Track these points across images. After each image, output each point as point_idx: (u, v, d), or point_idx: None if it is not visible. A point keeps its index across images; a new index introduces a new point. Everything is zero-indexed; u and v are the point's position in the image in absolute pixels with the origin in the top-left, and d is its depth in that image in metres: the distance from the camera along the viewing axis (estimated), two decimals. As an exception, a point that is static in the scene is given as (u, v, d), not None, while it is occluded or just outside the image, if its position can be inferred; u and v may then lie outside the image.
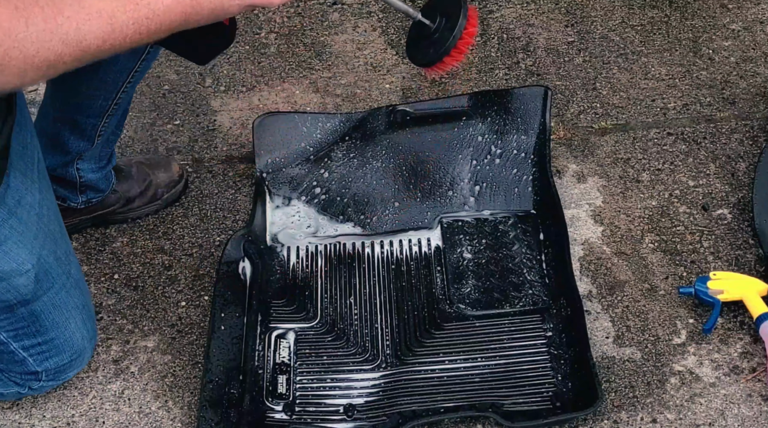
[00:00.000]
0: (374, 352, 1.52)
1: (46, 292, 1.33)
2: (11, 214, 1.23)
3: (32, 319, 1.34)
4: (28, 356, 1.38)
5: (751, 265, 1.62)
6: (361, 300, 1.60)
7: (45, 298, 1.33)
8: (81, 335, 1.42)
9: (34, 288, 1.29)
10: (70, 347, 1.41)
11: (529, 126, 1.73)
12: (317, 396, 1.47)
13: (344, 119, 1.75)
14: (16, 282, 1.27)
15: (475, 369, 1.49)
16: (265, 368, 1.50)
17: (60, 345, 1.40)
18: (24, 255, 1.26)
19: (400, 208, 1.72)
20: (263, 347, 1.53)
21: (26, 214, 1.26)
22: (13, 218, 1.24)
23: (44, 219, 1.30)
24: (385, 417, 1.42)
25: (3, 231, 1.23)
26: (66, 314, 1.38)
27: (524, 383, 1.46)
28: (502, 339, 1.53)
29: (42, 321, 1.35)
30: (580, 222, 1.71)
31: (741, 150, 1.82)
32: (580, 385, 1.44)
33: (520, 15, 2.16)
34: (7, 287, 1.27)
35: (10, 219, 1.23)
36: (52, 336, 1.37)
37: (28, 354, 1.38)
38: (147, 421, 1.47)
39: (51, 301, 1.34)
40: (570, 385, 1.45)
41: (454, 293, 1.60)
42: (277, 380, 1.49)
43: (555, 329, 1.53)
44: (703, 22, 2.12)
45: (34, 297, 1.31)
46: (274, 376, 1.49)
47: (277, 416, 1.44)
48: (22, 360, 1.38)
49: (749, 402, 1.43)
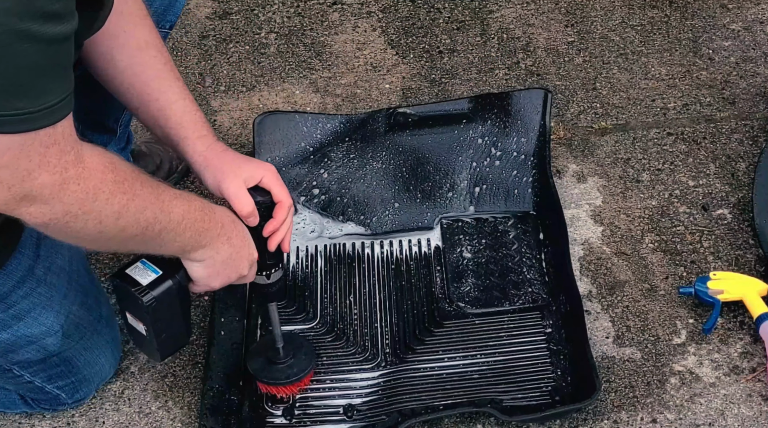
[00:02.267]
0: (374, 351, 1.52)
1: (77, 341, 1.35)
2: (40, 282, 1.25)
3: (65, 364, 1.37)
4: (62, 392, 1.42)
5: (751, 265, 1.62)
6: (360, 300, 1.60)
7: (76, 346, 1.36)
8: (109, 364, 1.47)
9: (63, 342, 1.32)
10: (100, 377, 1.46)
11: (529, 128, 1.73)
12: (317, 398, 1.47)
13: (345, 120, 1.75)
14: (45, 342, 1.30)
15: (475, 366, 1.49)
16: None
17: (91, 378, 1.44)
18: (52, 319, 1.28)
19: (400, 209, 1.72)
20: None
21: (56, 279, 1.28)
22: (42, 286, 1.26)
23: (74, 275, 1.32)
24: (385, 416, 1.42)
25: (32, 299, 1.25)
26: (97, 352, 1.41)
27: (523, 379, 1.46)
28: (502, 336, 1.53)
29: (74, 363, 1.38)
30: (580, 222, 1.71)
31: (741, 150, 1.82)
32: (579, 379, 1.44)
33: (520, 15, 2.17)
34: (37, 348, 1.30)
35: (38, 287, 1.25)
36: (84, 374, 1.41)
37: (62, 391, 1.41)
38: (147, 421, 1.47)
39: (83, 346, 1.37)
40: (569, 380, 1.45)
41: (453, 291, 1.60)
42: None
43: (554, 325, 1.53)
44: (703, 22, 2.12)
45: (63, 349, 1.34)
46: None
47: (277, 421, 1.44)
48: (56, 396, 1.42)
49: (749, 402, 1.43)
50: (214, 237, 1.20)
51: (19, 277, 1.22)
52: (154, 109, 1.27)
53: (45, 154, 0.94)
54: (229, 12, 2.21)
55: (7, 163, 0.93)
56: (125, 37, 1.25)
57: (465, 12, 2.18)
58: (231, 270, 1.25)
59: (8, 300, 1.22)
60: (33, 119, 0.92)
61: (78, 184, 0.99)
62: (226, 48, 2.12)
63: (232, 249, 1.23)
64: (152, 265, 1.24)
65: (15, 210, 0.97)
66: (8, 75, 0.89)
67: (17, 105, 0.90)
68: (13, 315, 1.24)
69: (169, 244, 1.16)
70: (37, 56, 0.90)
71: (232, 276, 1.26)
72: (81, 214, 1.01)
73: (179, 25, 2.21)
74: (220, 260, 1.22)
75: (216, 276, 1.25)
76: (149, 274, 1.23)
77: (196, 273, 1.23)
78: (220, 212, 1.22)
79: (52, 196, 0.97)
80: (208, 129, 1.30)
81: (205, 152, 1.27)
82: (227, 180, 1.24)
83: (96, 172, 1.01)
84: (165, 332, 1.28)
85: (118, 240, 1.10)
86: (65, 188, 0.98)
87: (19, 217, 0.99)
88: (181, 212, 1.14)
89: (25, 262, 1.22)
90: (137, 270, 1.24)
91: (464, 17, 2.17)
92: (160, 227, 1.11)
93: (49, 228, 1.02)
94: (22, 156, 0.93)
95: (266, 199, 1.27)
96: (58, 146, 0.96)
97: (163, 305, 1.23)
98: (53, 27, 0.89)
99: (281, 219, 1.28)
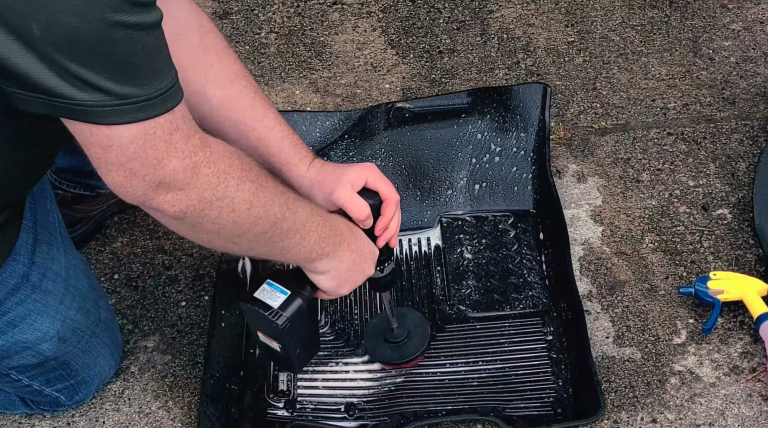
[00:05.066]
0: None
1: (75, 345, 1.36)
2: (35, 289, 1.26)
3: (63, 368, 1.37)
4: (61, 395, 1.42)
5: (751, 265, 1.62)
6: (361, 300, 1.60)
7: (74, 350, 1.36)
8: (109, 366, 1.47)
9: (59, 347, 1.32)
10: (100, 379, 1.47)
11: (528, 123, 1.73)
12: (318, 395, 1.47)
13: (343, 117, 1.75)
14: (40, 348, 1.30)
15: (476, 372, 1.49)
16: (266, 365, 1.50)
17: (90, 380, 1.44)
18: (48, 324, 1.29)
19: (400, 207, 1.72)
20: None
21: (52, 284, 1.28)
22: (37, 292, 1.26)
23: (71, 281, 1.32)
24: (386, 417, 1.42)
25: (27, 305, 1.25)
26: (95, 354, 1.42)
27: (525, 388, 1.46)
28: (503, 342, 1.53)
29: (72, 366, 1.39)
30: (580, 222, 1.71)
31: (741, 150, 1.82)
32: (582, 392, 1.43)
33: (520, 15, 2.16)
34: (33, 353, 1.30)
35: (33, 294, 1.26)
36: (83, 376, 1.42)
37: (61, 393, 1.42)
38: (147, 421, 1.47)
39: (81, 350, 1.38)
40: (571, 391, 1.45)
41: (454, 294, 1.59)
42: (278, 377, 1.49)
43: (555, 333, 1.52)
44: (703, 22, 2.12)
45: (60, 354, 1.34)
46: (275, 373, 1.49)
47: (279, 413, 1.44)
48: (55, 399, 1.43)
49: (749, 402, 1.43)
50: (335, 244, 1.21)
51: (13, 284, 1.22)
52: (253, 139, 1.28)
53: (170, 140, 0.96)
54: (229, 12, 2.21)
55: (135, 154, 0.94)
56: (214, 72, 1.26)
57: (465, 12, 2.18)
58: (357, 275, 1.27)
59: (2, 308, 1.22)
60: (152, 106, 0.93)
61: (209, 168, 1.00)
62: (226, 48, 2.11)
63: (354, 254, 1.24)
64: (278, 285, 1.26)
65: (154, 200, 0.99)
66: (122, 63, 0.90)
67: (134, 93, 0.91)
68: (7, 322, 1.24)
69: (296, 249, 1.16)
70: (142, 43, 0.91)
71: (359, 279, 1.28)
72: (215, 199, 1.02)
73: (179, 25, 2.21)
74: (344, 268, 1.24)
75: (344, 284, 1.26)
76: (278, 295, 1.25)
77: (324, 285, 1.25)
78: (337, 219, 1.24)
79: (186, 181, 0.99)
80: (306, 149, 1.31)
81: (309, 172, 1.29)
82: (338, 189, 1.25)
83: (223, 156, 1.03)
84: (299, 346, 1.31)
85: (250, 237, 1.10)
86: (197, 172, 0.99)
87: (159, 209, 1.00)
88: (305, 213, 1.16)
89: (20, 269, 1.22)
90: (265, 293, 1.25)
91: (464, 17, 2.17)
92: (288, 225, 1.12)
93: (186, 219, 1.03)
94: (147, 145, 0.94)
95: (376, 201, 1.29)
96: (181, 131, 0.97)
97: (296, 324, 1.25)
98: (147, 15, 0.90)
99: (390, 215, 1.30)
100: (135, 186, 0.97)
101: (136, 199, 0.99)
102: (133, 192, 0.98)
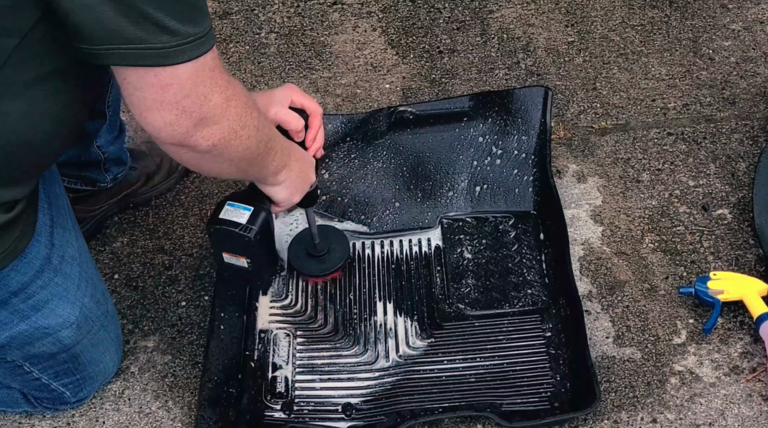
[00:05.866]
0: (373, 353, 1.52)
1: (86, 336, 1.37)
2: (56, 272, 1.27)
3: (72, 361, 1.38)
4: (66, 390, 1.43)
5: (751, 265, 1.62)
6: (360, 300, 1.60)
7: (84, 341, 1.37)
8: (113, 363, 1.48)
9: (76, 335, 1.34)
10: (103, 376, 1.48)
11: (529, 126, 1.73)
12: (316, 396, 1.47)
13: (345, 120, 1.75)
14: (60, 335, 1.31)
15: (474, 369, 1.49)
16: (264, 367, 1.51)
17: (95, 376, 1.45)
18: (69, 309, 1.30)
19: (401, 209, 1.72)
20: (263, 346, 1.53)
21: (69, 268, 1.30)
22: (59, 276, 1.28)
23: (84, 267, 1.35)
24: (383, 416, 1.42)
25: (50, 289, 1.27)
26: (102, 349, 1.43)
27: (522, 383, 1.46)
28: (501, 339, 1.53)
29: (81, 360, 1.39)
30: (580, 222, 1.71)
31: (741, 150, 1.82)
32: (579, 386, 1.44)
33: (520, 15, 2.16)
34: (53, 341, 1.31)
35: (55, 277, 1.27)
36: (89, 371, 1.42)
37: (66, 389, 1.42)
38: (147, 421, 1.47)
39: (90, 342, 1.39)
40: (568, 386, 1.45)
41: (453, 293, 1.60)
42: (275, 379, 1.49)
43: (554, 329, 1.53)
44: (703, 22, 2.12)
45: (75, 343, 1.35)
46: (273, 376, 1.50)
47: (276, 415, 1.44)
48: (60, 395, 1.43)
49: (749, 402, 1.43)
50: (288, 156, 1.32)
51: (38, 266, 1.23)
52: None
53: (213, 76, 1.04)
54: (229, 12, 2.21)
55: (189, 90, 1.02)
56: None
57: (465, 12, 2.18)
58: (304, 182, 1.39)
59: (28, 290, 1.23)
60: (203, 43, 1.00)
61: (236, 100, 1.09)
62: (226, 48, 2.12)
63: (299, 163, 1.36)
64: (239, 204, 1.39)
65: (192, 136, 1.07)
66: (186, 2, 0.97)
67: (192, 32, 0.99)
68: (32, 306, 1.25)
69: (271, 164, 1.28)
70: None
71: (306, 186, 1.40)
72: (239, 129, 1.12)
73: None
74: (295, 177, 1.35)
75: (295, 192, 1.38)
76: (242, 213, 1.38)
77: (281, 195, 1.36)
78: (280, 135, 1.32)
79: (221, 115, 1.07)
80: None
81: None
82: (272, 107, 1.35)
83: (241, 89, 1.12)
84: (266, 257, 1.46)
85: (250, 160, 1.20)
86: (229, 106, 1.08)
87: (194, 146, 1.08)
88: (273, 131, 1.27)
89: (43, 251, 1.24)
90: (229, 213, 1.38)
91: (464, 17, 2.17)
92: (272, 144, 1.24)
93: (214, 151, 1.11)
94: (199, 81, 1.02)
95: (304, 116, 1.39)
96: (220, 67, 1.05)
97: (263, 235, 1.38)
98: None
99: (317, 127, 1.42)
100: (182, 123, 1.04)
101: (176, 137, 1.06)
102: (178, 130, 1.05)
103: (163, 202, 1.80)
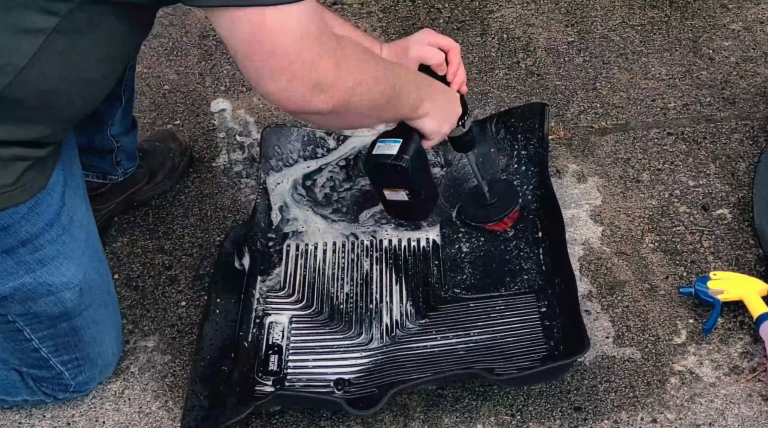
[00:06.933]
0: (367, 334, 1.53)
1: (87, 308, 1.37)
2: (65, 230, 1.28)
3: (72, 334, 1.38)
4: (65, 370, 1.42)
5: (751, 265, 1.62)
6: (356, 287, 1.60)
7: (86, 313, 1.37)
8: (113, 350, 1.48)
9: (78, 301, 1.34)
10: (103, 361, 1.47)
11: (528, 140, 1.74)
12: (308, 373, 1.47)
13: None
14: (63, 296, 1.31)
15: (467, 343, 1.49)
16: (257, 348, 1.51)
17: (94, 359, 1.44)
18: (73, 270, 1.31)
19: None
20: (257, 329, 1.54)
21: (77, 231, 1.31)
22: (66, 234, 1.28)
23: (91, 236, 1.36)
24: (375, 388, 1.43)
25: (57, 246, 1.27)
26: (102, 329, 1.43)
27: (515, 352, 1.46)
28: (495, 317, 1.53)
29: (81, 336, 1.39)
30: (580, 222, 1.71)
31: (741, 150, 1.82)
32: (569, 340, 1.43)
33: (520, 15, 2.17)
34: (55, 300, 1.31)
35: (63, 235, 1.28)
36: (88, 351, 1.42)
37: (65, 368, 1.42)
38: (147, 421, 1.47)
39: (91, 317, 1.39)
40: (561, 348, 1.45)
41: (450, 280, 1.60)
42: (269, 358, 1.50)
43: (549, 305, 1.52)
44: (703, 22, 2.12)
45: (77, 311, 1.35)
46: (266, 355, 1.50)
47: (267, 389, 1.45)
48: (59, 374, 1.43)
49: (749, 402, 1.43)
50: (428, 88, 1.37)
51: (48, 219, 1.24)
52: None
53: (319, 41, 1.07)
54: (229, 12, 2.21)
55: (295, 57, 1.05)
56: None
57: (465, 12, 2.18)
58: (451, 114, 1.44)
59: (36, 243, 1.24)
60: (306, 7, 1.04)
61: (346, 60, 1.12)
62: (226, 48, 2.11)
63: (443, 95, 1.41)
64: (390, 139, 1.41)
65: (311, 101, 1.10)
66: None
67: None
68: (38, 260, 1.26)
69: (406, 103, 1.32)
70: None
71: (453, 118, 1.44)
72: (356, 85, 1.15)
73: (179, 25, 2.21)
74: (440, 106, 1.39)
75: (443, 122, 1.41)
76: (392, 146, 1.39)
77: (429, 127, 1.39)
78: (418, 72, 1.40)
79: (335, 77, 1.10)
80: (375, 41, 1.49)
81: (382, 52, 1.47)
82: (411, 50, 1.44)
83: (349, 45, 1.16)
84: (424, 188, 1.45)
85: (381, 107, 1.25)
86: (339, 67, 1.11)
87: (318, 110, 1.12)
88: (402, 71, 1.33)
89: (54, 205, 1.25)
90: (381, 148, 1.40)
91: (464, 17, 2.17)
92: (400, 86, 1.28)
93: (337, 110, 1.15)
94: (303, 48, 1.05)
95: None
96: (327, 33, 1.09)
97: (417, 164, 1.40)
98: None
99: (457, 62, 1.48)
100: (296, 89, 1.08)
101: (296, 102, 1.10)
102: (294, 95, 1.08)
103: (163, 201, 1.80)
